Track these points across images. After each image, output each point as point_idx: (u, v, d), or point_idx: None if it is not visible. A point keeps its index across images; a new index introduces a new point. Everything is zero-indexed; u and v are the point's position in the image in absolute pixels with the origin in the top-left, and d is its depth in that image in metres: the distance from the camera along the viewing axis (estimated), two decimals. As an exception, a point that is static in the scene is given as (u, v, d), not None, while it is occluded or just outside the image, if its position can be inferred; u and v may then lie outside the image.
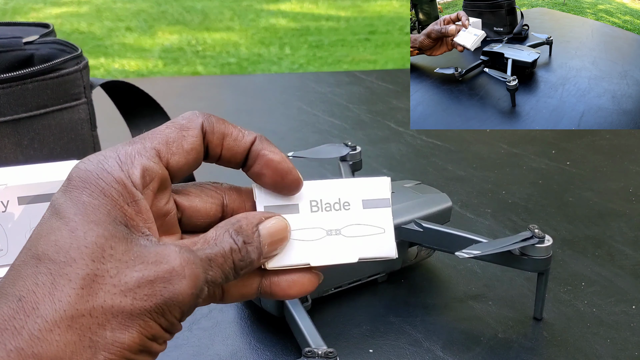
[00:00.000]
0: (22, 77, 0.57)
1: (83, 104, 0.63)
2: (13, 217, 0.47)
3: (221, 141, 0.30)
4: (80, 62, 0.63)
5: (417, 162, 0.85)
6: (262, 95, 1.15)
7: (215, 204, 0.32)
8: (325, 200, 0.34)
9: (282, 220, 0.31)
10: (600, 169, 0.83)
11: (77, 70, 0.62)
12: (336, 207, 0.34)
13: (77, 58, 0.62)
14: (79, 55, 0.63)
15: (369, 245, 0.33)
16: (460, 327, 0.52)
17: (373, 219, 0.34)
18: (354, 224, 0.34)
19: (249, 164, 0.31)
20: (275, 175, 0.31)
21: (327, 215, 0.33)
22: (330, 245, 0.33)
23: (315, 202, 0.34)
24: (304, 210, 0.33)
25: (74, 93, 0.62)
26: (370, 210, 0.34)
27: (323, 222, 0.33)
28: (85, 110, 0.63)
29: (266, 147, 0.31)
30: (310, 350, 0.43)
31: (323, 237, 0.33)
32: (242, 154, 0.31)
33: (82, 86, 0.62)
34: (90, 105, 0.64)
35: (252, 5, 5.44)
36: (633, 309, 0.54)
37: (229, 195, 0.32)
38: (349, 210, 0.34)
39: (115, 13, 5.07)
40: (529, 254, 0.49)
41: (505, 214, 0.70)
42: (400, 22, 4.82)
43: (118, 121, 0.76)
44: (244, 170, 0.32)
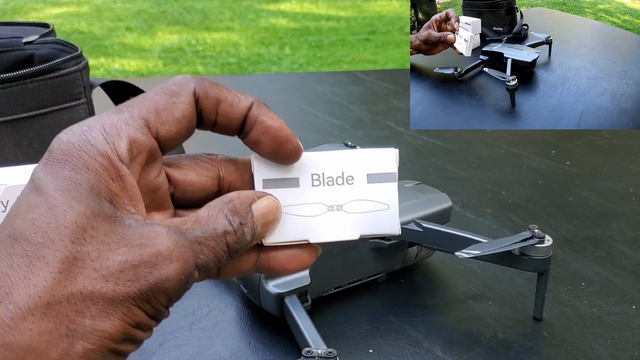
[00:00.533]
0: (21, 77, 0.57)
1: (83, 104, 0.62)
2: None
3: (215, 107, 0.28)
4: (80, 62, 0.63)
5: (417, 162, 0.85)
6: (262, 95, 1.15)
7: (211, 177, 0.30)
8: (328, 174, 0.32)
9: (274, 201, 0.29)
10: (600, 168, 0.83)
11: (77, 70, 0.62)
12: (339, 181, 0.32)
13: (77, 58, 0.62)
14: (79, 55, 0.63)
15: (372, 221, 0.32)
16: (460, 327, 0.52)
17: (377, 194, 0.32)
18: (357, 200, 0.33)
19: (245, 130, 0.29)
20: (273, 143, 0.29)
21: (329, 190, 0.32)
22: (331, 222, 0.32)
23: (317, 176, 0.32)
24: (304, 184, 0.32)
25: (74, 93, 0.62)
26: (375, 185, 0.32)
27: (324, 197, 0.32)
28: (85, 110, 0.63)
29: (264, 112, 0.28)
30: (310, 351, 0.43)
31: (324, 213, 0.32)
32: (239, 120, 0.28)
33: (82, 86, 0.62)
34: (90, 105, 0.64)
35: (252, 5, 5.44)
36: (633, 309, 0.54)
37: (225, 168, 0.30)
38: (353, 184, 0.32)
39: (115, 13, 5.07)
40: (529, 254, 0.49)
41: (505, 214, 0.70)
42: (400, 22, 4.82)
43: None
44: (240, 137, 0.29)
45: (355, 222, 0.32)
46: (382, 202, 0.32)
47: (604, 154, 0.88)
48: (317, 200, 0.32)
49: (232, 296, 0.56)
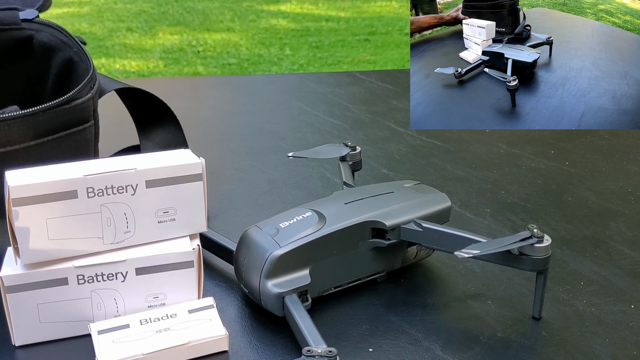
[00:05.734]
0: (34, 113, 0.55)
1: (91, 125, 0.60)
2: (140, 200, 0.50)
3: None
4: (93, 84, 0.60)
5: (416, 162, 0.85)
6: (262, 95, 1.15)
7: None
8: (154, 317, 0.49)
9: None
10: (599, 168, 0.83)
11: (91, 98, 0.59)
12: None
13: (90, 81, 0.59)
14: (92, 76, 0.59)
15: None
16: (460, 326, 0.52)
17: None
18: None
19: None
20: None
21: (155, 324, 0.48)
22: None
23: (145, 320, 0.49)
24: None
25: (85, 118, 0.59)
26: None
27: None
28: (91, 132, 0.61)
29: None
30: (310, 350, 0.44)
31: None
32: None
33: (92, 110, 0.60)
34: (97, 123, 0.62)
35: (253, 6, 5.44)
36: (631, 308, 0.54)
37: None
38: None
39: (116, 14, 5.08)
40: (528, 253, 0.49)
41: (504, 214, 0.71)
42: (399, 22, 4.82)
43: (110, 122, 0.76)
44: None
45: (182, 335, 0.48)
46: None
47: (602, 154, 0.88)
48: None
49: (232, 295, 0.56)
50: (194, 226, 0.52)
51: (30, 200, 0.46)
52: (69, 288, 0.48)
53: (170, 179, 0.50)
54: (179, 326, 0.48)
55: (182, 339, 0.47)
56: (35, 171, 0.48)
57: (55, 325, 0.49)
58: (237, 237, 0.55)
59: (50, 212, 0.47)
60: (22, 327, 0.48)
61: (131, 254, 0.50)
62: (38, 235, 0.47)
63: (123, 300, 0.50)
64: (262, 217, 0.62)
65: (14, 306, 0.48)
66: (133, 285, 0.50)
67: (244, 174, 0.81)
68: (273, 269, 0.50)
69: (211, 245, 0.60)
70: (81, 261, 0.48)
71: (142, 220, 0.50)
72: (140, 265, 0.50)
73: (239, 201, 0.74)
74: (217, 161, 0.85)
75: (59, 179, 0.47)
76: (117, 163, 0.50)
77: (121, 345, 0.46)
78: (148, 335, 0.47)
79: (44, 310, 0.48)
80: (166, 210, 0.51)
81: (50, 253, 0.48)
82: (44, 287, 0.48)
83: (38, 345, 0.49)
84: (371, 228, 0.54)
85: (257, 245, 0.52)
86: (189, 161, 0.51)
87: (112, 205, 0.49)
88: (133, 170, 0.49)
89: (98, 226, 0.49)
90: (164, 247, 0.51)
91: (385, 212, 0.54)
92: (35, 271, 0.47)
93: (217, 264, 0.61)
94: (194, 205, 0.52)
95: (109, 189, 0.48)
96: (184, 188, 0.51)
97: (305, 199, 0.74)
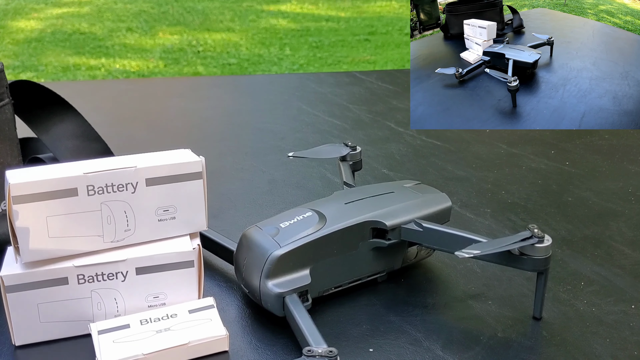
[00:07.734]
0: None
1: (7, 104, 0.61)
2: (141, 198, 0.50)
3: None
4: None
5: (416, 162, 0.85)
6: (262, 95, 1.15)
7: None
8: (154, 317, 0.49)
9: None
10: (599, 169, 0.83)
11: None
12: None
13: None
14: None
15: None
16: (460, 326, 0.52)
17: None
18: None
19: None
20: None
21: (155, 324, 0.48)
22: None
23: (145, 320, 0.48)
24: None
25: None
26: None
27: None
28: (10, 110, 0.61)
29: None
30: (311, 349, 0.44)
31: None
32: None
33: (4, 86, 0.61)
34: (12, 104, 0.63)
35: (253, 6, 5.44)
36: (632, 308, 0.54)
37: None
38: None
39: (116, 14, 5.07)
40: (529, 253, 0.49)
41: (504, 214, 0.71)
42: (400, 22, 4.82)
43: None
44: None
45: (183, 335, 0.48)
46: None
47: (603, 154, 0.88)
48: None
49: (233, 295, 0.56)
50: (195, 225, 0.52)
51: (31, 198, 0.46)
52: (69, 288, 0.48)
53: (171, 177, 0.50)
54: (179, 326, 0.48)
55: (182, 339, 0.47)
56: (36, 170, 0.48)
57: (56, 325, 0.49)
58: (237, 237, 0.55)
59: (51, 210, 0.47)
60: (22, 326, 0.48)
61: (131, 253, 0.50)
62: (38, 233, 0.47)
63: (123, 300, 0.50)
64: (262, 217, 0.62)
65: (14, 306, 0.47)
66: (133, 285, 0.50)
67: (244, 174, 0.81)
68: (273, 269, 0.50)
69: (211, 245, 0.60)
70: (81, 261, 0.48)
71: (142, 218, 0.50)
72: (141, 264, 0.50)
73: (239, 201, 0.74)
74: (217, 161, 0.85)
75: (59, 176, 0.47)
76: (117, 161, 0.50)
77: (121, 345, 0.46)
78: (148, 335, 0.47)
79: (44, 310, 0.48)
80: (166, 208, 0.51)
81: (50, 251, 0.48)
82: (44, 286, 0.48)
83: (38, 345, 0.49)
84: (371, 228, 0.54)
85: (257, 245, 0.51)
86: (189, 159, 0.51)
87: (112, 203, 0.49)
88: (133, 168, 0.49)
89: (98, 224, 0.49)
90: (164, 247, 0.51)
91: (385, 212, 0.54)
92: (35, 271, 0.47)
93: (217, 263, 0.61)
94: (194, 204, 0.52)
95: (109, 187, 0.48)
96: (184, 186, 0.51)
97: (305, 199, 0.74)
